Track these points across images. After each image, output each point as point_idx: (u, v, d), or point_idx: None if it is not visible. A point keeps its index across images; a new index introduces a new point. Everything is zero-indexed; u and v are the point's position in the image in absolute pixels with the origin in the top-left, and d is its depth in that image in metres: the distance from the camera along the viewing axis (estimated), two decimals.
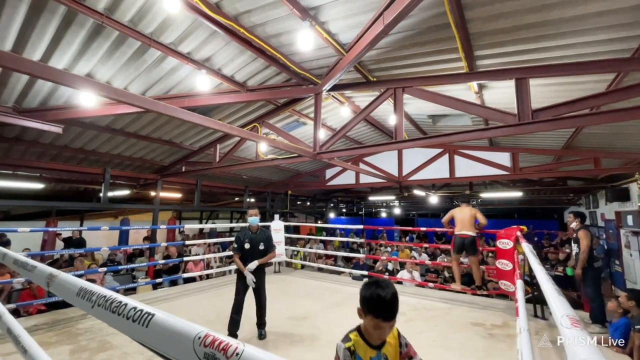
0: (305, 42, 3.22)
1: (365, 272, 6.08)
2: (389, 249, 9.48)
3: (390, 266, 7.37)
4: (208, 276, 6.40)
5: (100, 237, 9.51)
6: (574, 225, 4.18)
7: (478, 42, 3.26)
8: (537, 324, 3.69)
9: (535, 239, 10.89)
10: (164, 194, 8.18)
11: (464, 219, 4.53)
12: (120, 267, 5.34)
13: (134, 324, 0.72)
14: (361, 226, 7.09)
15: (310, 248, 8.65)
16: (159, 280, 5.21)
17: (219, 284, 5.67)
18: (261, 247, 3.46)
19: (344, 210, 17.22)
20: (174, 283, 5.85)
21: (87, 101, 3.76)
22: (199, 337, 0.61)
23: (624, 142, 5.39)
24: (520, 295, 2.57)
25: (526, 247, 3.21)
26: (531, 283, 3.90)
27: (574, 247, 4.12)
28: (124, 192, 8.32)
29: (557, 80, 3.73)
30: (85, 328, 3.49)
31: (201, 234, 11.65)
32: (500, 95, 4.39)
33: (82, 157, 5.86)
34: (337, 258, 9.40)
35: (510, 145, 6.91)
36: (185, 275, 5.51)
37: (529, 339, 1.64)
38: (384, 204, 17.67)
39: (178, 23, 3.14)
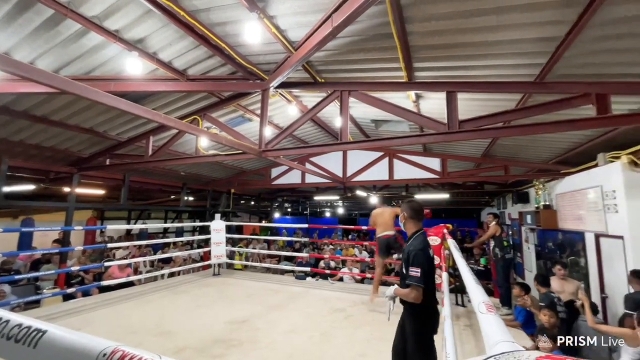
0: (252, 35, 3.10)
1: (308, 269, 6.15)
2: (331, 246, 9.72)
3: (332, 264, 7.56)
4: (133, 283, 5.75)
5: None
6: (493, 223, 4.86)
7: (416, 55, 3.53)
8: (458, 310, 4.15)
9: (460, 237, 12.28)
10: (81, 190, 7.07)
11: (385, 221, 4.59)
12: (18, 277, 4.45)
13: (17, 345, 0.57)
14: (306, 225, 7.14)
15: (253, 248, 8.39)
16: (70, 290, 4.47)
17: (147, 290, 5.13)
18: None
19: (289, 209, 17.16)
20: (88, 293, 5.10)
21: None
22: (105, 354, 0.50)
23: (526, 153, 6.42)
24: (445, 287, 2.85)
25: (451, 243, 3.57)
26: (454, 275, 4.37)
27: (492, 242, 4.80)
28: (28, 187, 6.98)
29: (479, 95, 4.25)
30: None
31: (128, 235, 10.43)
32: (434, 105, 4.82)
33: None
34: (281, 258, 9.30)
35: (440, 152, 7.66)
36: (105, 283, 4.83)
37: (452, 325, 1.82)
38: (328, 204, 18.11)
39: None
